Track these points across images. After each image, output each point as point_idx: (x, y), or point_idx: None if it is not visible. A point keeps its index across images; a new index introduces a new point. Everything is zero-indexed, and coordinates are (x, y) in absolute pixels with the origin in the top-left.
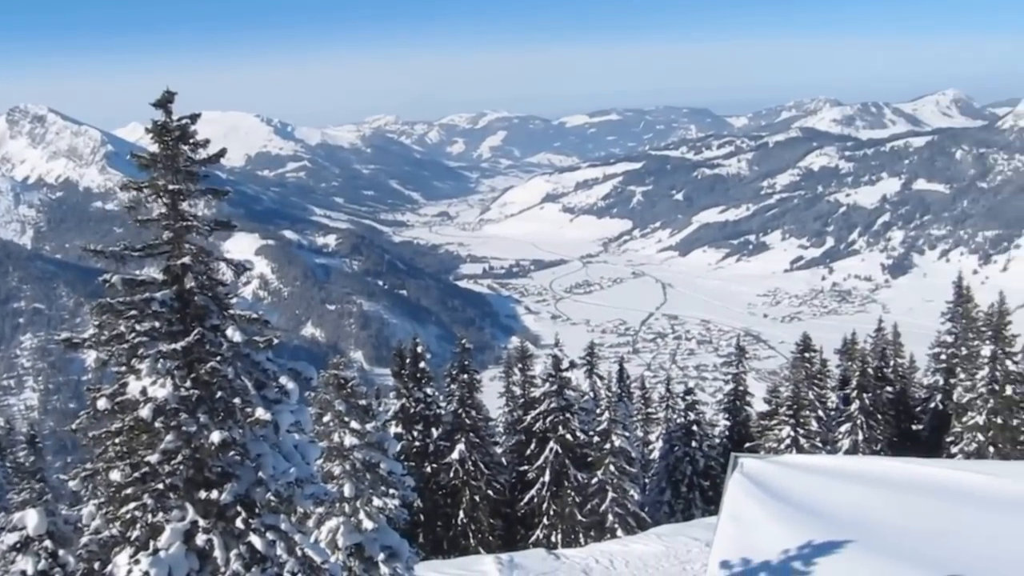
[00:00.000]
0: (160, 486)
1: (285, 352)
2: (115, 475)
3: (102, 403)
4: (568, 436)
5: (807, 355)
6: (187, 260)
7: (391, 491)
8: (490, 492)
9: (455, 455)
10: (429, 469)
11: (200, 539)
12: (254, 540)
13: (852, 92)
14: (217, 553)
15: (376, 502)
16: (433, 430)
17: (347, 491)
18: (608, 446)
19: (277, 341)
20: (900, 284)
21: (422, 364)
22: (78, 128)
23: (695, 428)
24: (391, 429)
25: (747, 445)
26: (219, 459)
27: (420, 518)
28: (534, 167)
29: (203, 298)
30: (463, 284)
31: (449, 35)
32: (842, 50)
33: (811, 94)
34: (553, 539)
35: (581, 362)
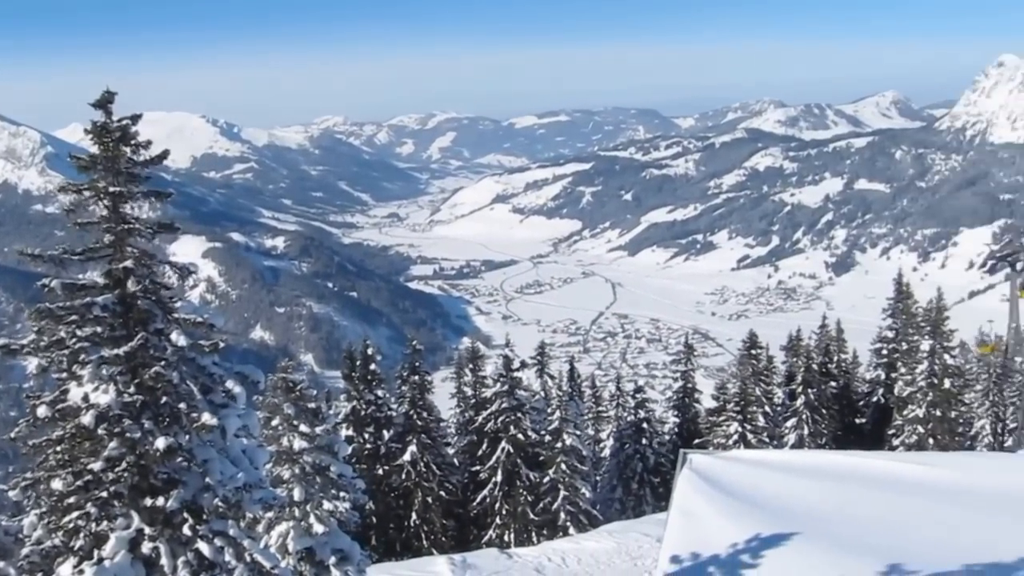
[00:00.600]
0: (104, 494)
1: (234, 356)
2: (57, 484)
3: (42, 410)
4: (520, 436)
5: (754, 352)
6: (129, 263)
7: (342, 494)
8: (442, 493)
9: (407, 457)
10: (381, 471)
11: (146, 547)
12: (202, 547)
13: (796, 94)
14: (164, 561)
15: (326, 505)
16: (385, 432)
17: (297, 495)
18: (559, 445)
19: (224, 345)
20: (843, 281)
21: (373, 366)
22: (16, 129)
23: (645, 426)
24: (342, 432)
25: (696, 441)
26: (165, 465)
27: (372, 520)
28: (484, 168)
29: (146, 302)
30: (414, 285)
31: (397, 35)
32: (786, 52)
33: (756, 95)
34: (506, 538)
35: (532, 362)
